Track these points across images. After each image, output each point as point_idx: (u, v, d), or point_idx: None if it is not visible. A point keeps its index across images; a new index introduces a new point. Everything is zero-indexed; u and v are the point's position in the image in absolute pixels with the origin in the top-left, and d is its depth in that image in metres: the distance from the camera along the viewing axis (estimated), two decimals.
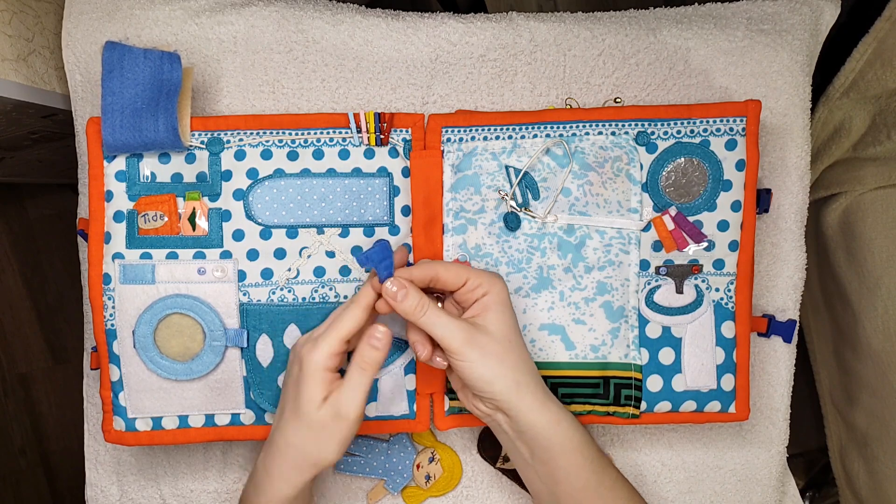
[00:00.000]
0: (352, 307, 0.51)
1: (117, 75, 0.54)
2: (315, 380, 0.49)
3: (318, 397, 0.49)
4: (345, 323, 0.50)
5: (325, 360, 0.49)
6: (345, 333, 0.50)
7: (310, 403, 0.49)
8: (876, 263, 0.78)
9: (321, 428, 0.49)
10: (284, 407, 0.51)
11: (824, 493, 1.12)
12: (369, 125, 0.57)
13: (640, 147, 0.58)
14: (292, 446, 0.50)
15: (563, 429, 0.52)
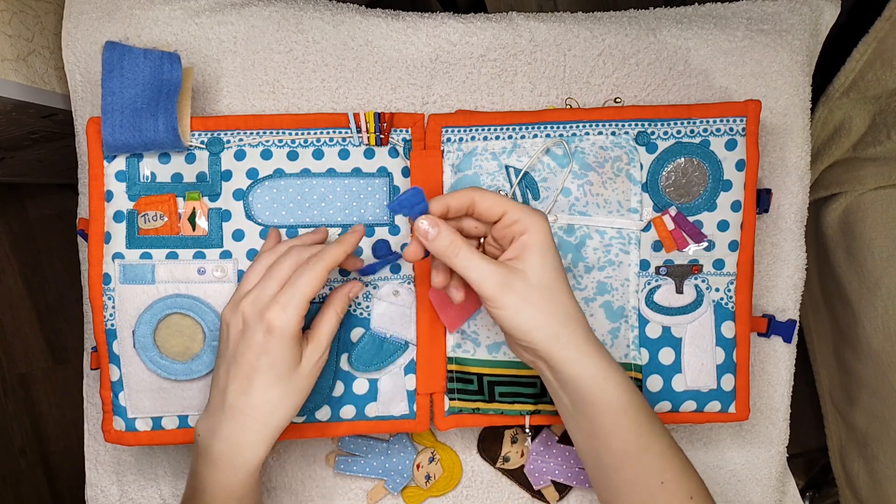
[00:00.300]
0: (317, 268, 0.49)
1: (117, 75, 0.54)
2: (292, 344, 0.49)
3: (297, 359, 0.50)
4: (312, 285, 0.49)
5: (298, 324, 0.49)
6: (312, 296, 0.49)
7: (289, 366, 0.49)
8: (876, 263, 0.78)
9: (299, 382, 0.50)
10: (252, 378, 0.49)
11: (824, 493, 1.13)
12: (369, 125, 0.57)
13: (640, 147, 0.58)
14: (268, 408, 0.50)
15: (609, 386, 0.48)
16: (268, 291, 0.49)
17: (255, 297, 0.50)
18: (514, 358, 0.59)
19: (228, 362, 0.50)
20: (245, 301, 0.50)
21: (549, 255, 0.48)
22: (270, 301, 0.49)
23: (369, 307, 0.58)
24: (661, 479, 0.49)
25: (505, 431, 0.65)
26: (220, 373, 0.51)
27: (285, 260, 0.50)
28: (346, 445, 0.64)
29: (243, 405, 0.50)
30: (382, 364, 0.58)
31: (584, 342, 0.48)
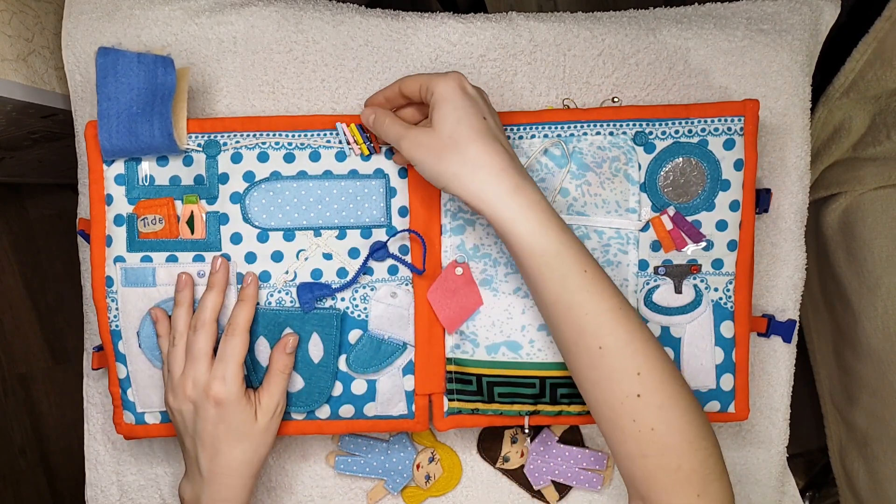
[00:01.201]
0: (237, 336, 0.55)
1: (112, 80, 0.54)
2: (242, 406, 0.54)
3: (252, 417, 0.55)
4: (238, 351, 0.54)
5: (241, 388, 0.54)
6: (242, 360, 0.55)
7: (246, 425, 0.54)
8: (876, 263, 0.78)
9: (259, 435, 0.55)
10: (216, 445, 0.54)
11: (824, 493, 1.13)
12: (355, 137, 0.57)
13: (639, 147, 0.58)
14: (243, 464, 0.55)
15: (520, 230, 0.48)
16: (201, 371, 0.54)
17: (193, 381, 0.54)
18: (513, 358, 0.59)
19: (192, 437, 0.55)
20: (186, 387, 0.54)
21: (454, 109, 0.49)
22: (208, 378, 0.54)
23: (367, 309, 0.58)
24: (598, 344, 0.48)
25: (505, 431, 0.65)
26: (188, 446, 0.56)
27: (197, 338, 0.55)
28: (346, 445, 0.64)
29: (217, 469, 0.54)
30: (380, 365, 0.58)
31: (500, 187, 0.48)
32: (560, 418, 0.60)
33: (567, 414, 0.59)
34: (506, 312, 0.58)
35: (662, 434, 0.47)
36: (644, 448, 0.48)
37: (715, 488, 0.48)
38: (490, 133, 0.49)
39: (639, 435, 0.48)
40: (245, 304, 0.56)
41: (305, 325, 0.57)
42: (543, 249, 0.48)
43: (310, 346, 0.57)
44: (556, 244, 0.48)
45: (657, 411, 0.47)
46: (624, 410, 0.48)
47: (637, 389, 0.47)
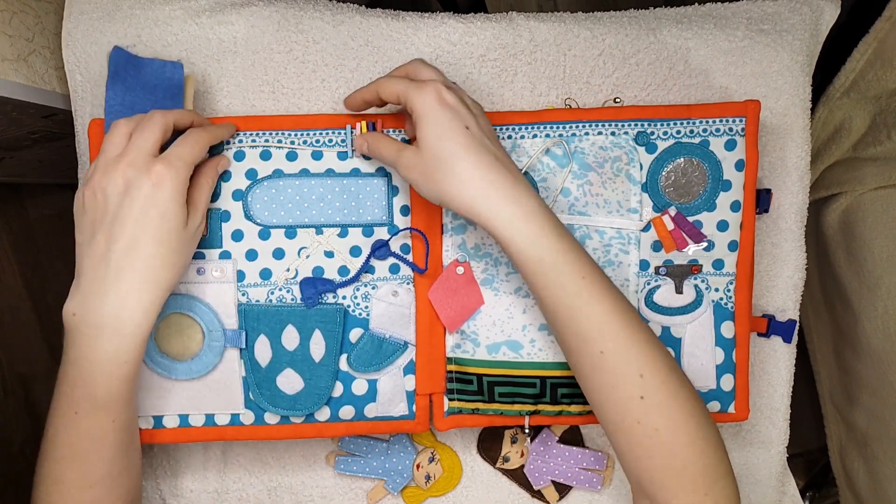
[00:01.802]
0: (199, 134, 0.51)
1: (121, 79, 0.55)
2: (181, 200, 0.49)
3: (184, 218, 0.49)
4: (196, 149, 0.50)
5: (186, 182, 0.49)
6: (196, 160, 0.50)
7: (178, 222, 0.49)
8: (876, 263, 0.78)
9: (186, 244, 0.50)
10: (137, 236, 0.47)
11: (824, 493, 1.12)
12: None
13: (640, 147, 0.58)
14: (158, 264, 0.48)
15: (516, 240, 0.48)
16: (145, 150, 0.48)
17: (134, 157, 0.48)
18: (513, 358, 0.59)
19: (108, 226, 0.47)
20: (122, 162, 0.47)
21: (434, 124, 0.48)
22: (152, 158, 0.48)
23: (368, 308, 0.58)
24: (599, 349, 0.48)
25: (505, 431, 0.65)
26: (97, 239, 0.48)
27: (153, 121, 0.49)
28: (346, 445, 0.64)
29: (129, 263, 0.47)
30: (381, 365, 0.58)
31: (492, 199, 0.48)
32: (561, 418, 0.60)
33: (568, 414, 0.59)
34: (507, 312, 0.58)
35: (668, 435, 0.47)
36: (650, 450, 0.48)
37: (721, 486, 0.48)
38: (475, 144, 0.49)
39: (644, 437, 0.48)
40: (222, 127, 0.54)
41: (308, 321, 0.57)
42: (540, 258, 0.48)
43: (311, 344, 0.57)
44: (552, 253, 0.48)
45: (661, 412, 0.47)
46: (628, 413, 0.48)
47: (640, 391, 0.47)
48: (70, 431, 0.49)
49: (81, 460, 0.50)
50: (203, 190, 0.53)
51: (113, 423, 0.50)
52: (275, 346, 0.57)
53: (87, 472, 0.50)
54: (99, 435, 0.49)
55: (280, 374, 0.57)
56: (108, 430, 0.50)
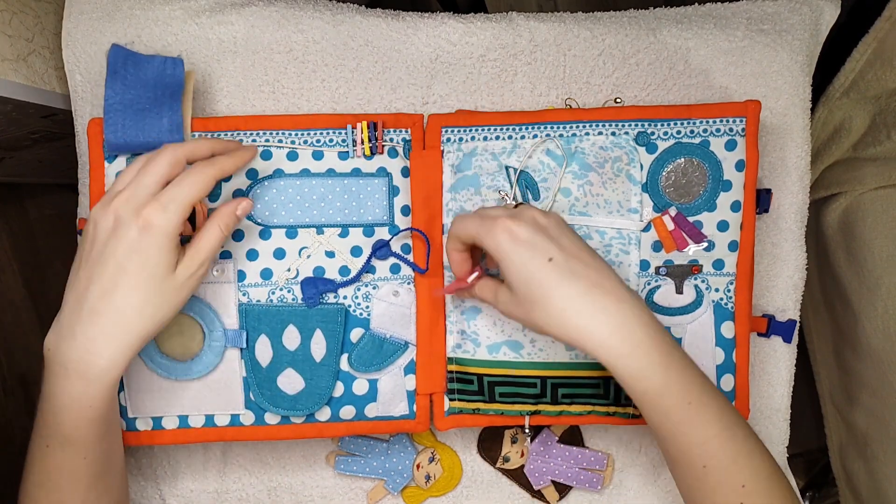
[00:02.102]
0: (204, 172, 0.47)
1: (121, 76, 0.55)
2: (168, 247, 0.46)
3: (172, 263, 0.47)
4: (197, 189, 0.47)
5: (177, 227, 0.46)
6: (195, 200, 0.47)
7: (162, 270, 0.46)
8: (876, 263, 0.78)
9: (170, 292, 0.47)
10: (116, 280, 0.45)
11: (824, 493, 1.12)
12: (364, 137, 0.57)
13: (640, 147, 0.58)
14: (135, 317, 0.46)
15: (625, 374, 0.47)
16: (144, 190, 0.46)
17: (130, 195, 0.46)
18: (514, 358, 0.59)
19: (92, 264, 0.46)
20: (118, 199, 0.46)
21: (514, 265, 0.47)
22: (149, 199, 0.46)
23: (369, 307, 0.58)
24: (702, 464, 0.48)
25: (505, 431, 0.65)
26: (80, 276, 0.47)
27: (160, 157, 0.47)
28: (346, 445, 0.64)
29: (103, 307, 0.46)
30: (382, 364, 0.58)
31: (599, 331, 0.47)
32: (561, 418, 0.60)
33: (568, 414, 0.59)
34: None
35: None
36: None
37: None
38: (563, 275, 0.47)
39: None
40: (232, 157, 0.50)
41: (309, 321, 0.57)
42: (645, 390, 0.47)
43: (312, 343, 0.57)
44: (658, 384, 0.47)
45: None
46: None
47: (741, 499, 0.48)
48: (44, 462, 0.49)
49: (57, 490, 0.49)
50: (211, 236, 0.49)
51: (84, 459, 0.48)
52: (275, 346, 0.57)
53: (65, 501, 0.49)
54: (71, 469, 0.49)
55: (281, 374, 0.57)
56: (80, 465, 0.49)
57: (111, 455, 0.52)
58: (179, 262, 0.48)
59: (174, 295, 0.48)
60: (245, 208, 0.51)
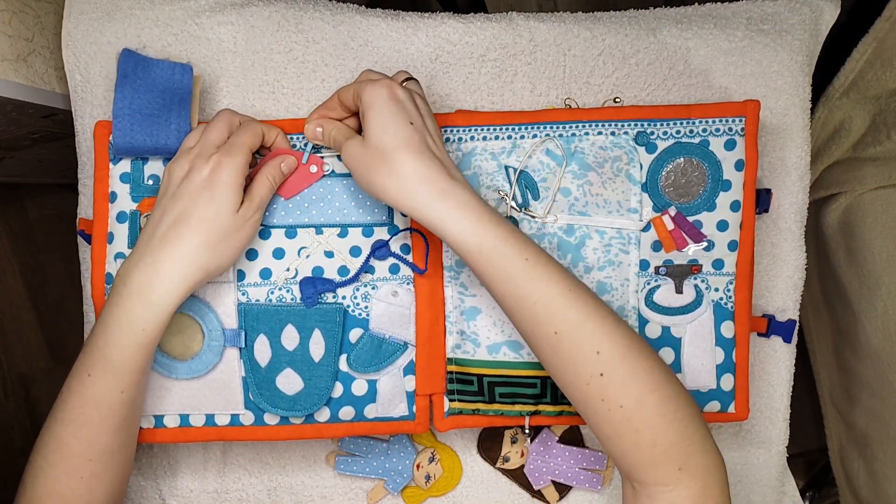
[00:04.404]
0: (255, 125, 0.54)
1: (130, 81, 0.55)
2: (235, 185, 0.51)
3: (237, 203, 0.51)
4: (253, 137, 0.53)
5: (242, 167, 0.51)
6: (253, 147, 0.53)
7: (228, 206, 0.51)
8: (876, 263, 0.78)
9: (233, 231, 0.51)
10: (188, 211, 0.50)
11: (824, 493, 1.13)
12: None
13: (640, 147, 0.58)
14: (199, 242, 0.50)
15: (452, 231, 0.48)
16: (211, 142, 0.52)
17: (201, 147, 0.52)
18: (514, 358, 0.59)
19: (166, 202, 0.51)
20: (191, 152, 0.52)
21: (379, 116, 0.49)
22: (215, 149, 0.52)
23: (368, 308, 0.58)
24: (552, 330, 0.48)
25: (505, 431, 0.65)
26: (156, 212, 0.51)
27: (220, 119, 0.54)
28: (346, 445, 0.64)
29: (173, 236, 0.50)
30: (381, 365, 0.58)
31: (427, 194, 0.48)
32: (561, 418, 0.60)
33: (568, 414, 0.59)
34: None
35: (632, 410, 0.47)
36: (617, 427, 0.47)
37: (697, 459, 0.47)
38: (416, 140, 0.49)
39: (609, 414, 0.47)
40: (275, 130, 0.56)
41: (307, 321, 0.57)
42: (479, 246, 0.48)
43: (311, 343, 0.57)
44: (491, 239, 0.48)
45: (622, 388, 0.47)
46: (591, 392, 0.48)
47: (599, 368, 0.47)
48: (81, 394, 0.50)
49: (87, 427, 0.50)
50: (262, 184, 0.54)
51: (122, 393, 0.50)
52: (274, 345, 0.57)
53: (92, 441, 0.51)
54: (107, 403, 0.50)
55: (280, 374, 0.57)
56: (116, 401, 0.50)
57: (137, 406, 0.54)
58: (243, 201, 0.52)
59: (236, 232, 0.52)
60: (290, 164, 0.56)
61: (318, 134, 0.55)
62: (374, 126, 0.49)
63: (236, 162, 0.51)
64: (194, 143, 0.53)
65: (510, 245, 0.48)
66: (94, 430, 0.50)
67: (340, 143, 0.52)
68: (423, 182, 0.48)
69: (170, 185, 0.52)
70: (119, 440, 0.52)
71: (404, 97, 0.50)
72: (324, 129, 0.55)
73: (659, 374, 0.48)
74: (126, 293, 0.49)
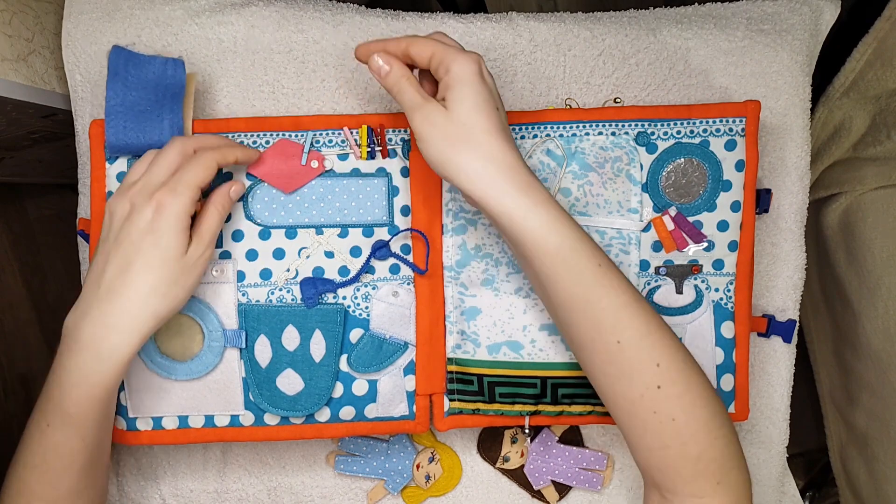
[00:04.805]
0: (207, 157, 0.50)
1: (122, 78, 0.55)
2: (180, 227, 0.48)
3: (183, 245, 0.49)
4: (202, 173, 0.49)
5: (188, 208, 0.49)
6: (202, 183, 0.50)
7: (174, 251, 0.48)
8: (876, 263, 0.78)
9: (182, 273, 0.49)
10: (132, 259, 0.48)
11: (824, 493, 1.13)
12: (361, 140, 0.57)
13: (640, 147, 0.58)
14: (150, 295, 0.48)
15: (537, 228, 0.47)
16: (156, 178, 0.49)
17: (144, 184, 0.49)
18: (514, 358, 0.59)
19: (109, 246, 0.49)
20: (133, 189, 0.49)
21: (472, 94, 0.47)
22: (161, 185, 0.49)
23: (368, 308, 0.58)
24: (616, 339, 0.47)
25: (505, 431, 0.65)
26: (98, 259, 0.49)
27: (171, 148, 0.50)
28: (345, 445, 0.64)
29: (120, 286, 0.48)
30: (382, 365, 0.58)
31: (510, 183, 0.47)
32: (561, 418, 0.60)
33: (568, 414, 0.59)
34: (507, 312, 0.58)
35: (683, 424, 0.47)
36: (665, 439, 0.47)
37: (734, 476, 0.48)
38: (503, 126, 0.48)
39: (659, 426, 0.47)
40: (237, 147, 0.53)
41: (308, 321, 0.57)
42: (558, 245, 0.47)
43: (311, 344, 0.57)
44: (570, 240, 0.47)
45: (677, 401, 0.47)
46: (644, 403, 0.47)
47: (657, 381, 0.47)
48: (41, 442, 0.49)
49: (49, 472, 0.50)
50: (211, 218, 0.51)
51: (82, 440, 0.49)
52: (275, 346, 0.57)
53: (54, 484, 0.50)
54: (67, 450, 0.49)
55: (280, 375, 0.57)
56: (77, 448, 0.49)
57: (103, 447, 0.53)
58: (191, 242, 0.50)
59: (186, 275, 0.50)
60: (237, 190, 0.54)
61: (382, 71, 0.50)
62: (465, 102, 0.47)
63: (180, 202, 0.48)
64: (138, 176, 0.50)
65: (586, 247, 0.48)
66: (56, 474, 0.50)
67: (414, 103, 0.48)
68: (507, 170, 0.47)
69: (111, 227, 0.49)
70: (84, 481, 0.51)
71: (491, 81, 0.49)
72: (392, 70, 0.49)
73: (709, 391, 0.48)
74: (77, 348, 0.48)
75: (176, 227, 0.48)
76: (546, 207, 0.47)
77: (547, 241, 0.47)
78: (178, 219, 0.48)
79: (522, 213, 0.47)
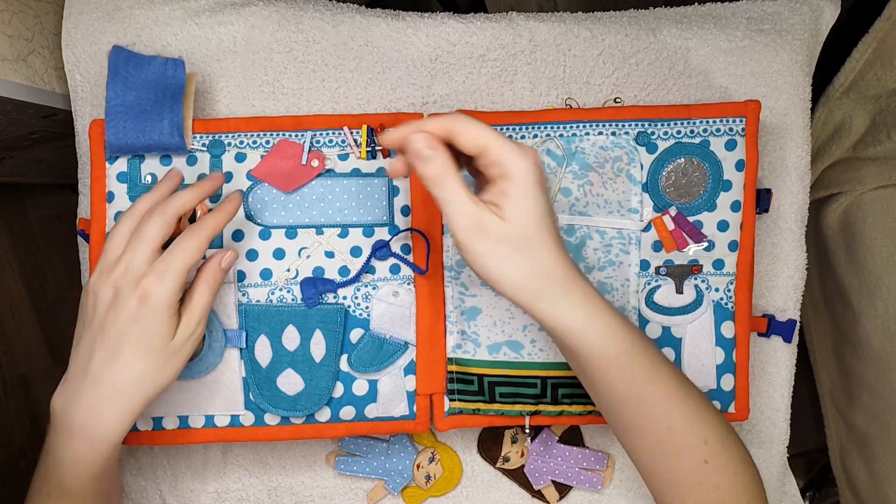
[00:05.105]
0: (197, 237, 0.48)
1: (122, 78, 0.55)
2: (167, 315, 0.47)
3: (172, 329, 0.48)
4: (191, 255, 0.48)
5: (175, 295, 0.47)
6: (191, 266, 0.48)
7: (161, 338, 0.47)
8: (876, 263, 0.78)
9: (171, 357, 0.48)
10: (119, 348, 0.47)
11: (824, 493, 1.13)
12: (362, 140, 0.57)
13: (641, 147, 0.58)
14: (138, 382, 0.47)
15: (591, 336, 0.46)
16: (140, 259, 0.47)
17: (127, 265, 0.47)
18: (514, 358, 0.59)
19: (94, 332, 0.47)
20: (116, 271, 0.47)
21: (531, 203, 0.43)
22: (146, 269, 0.47)
23: (368, 308, 0.58)
24: (667, 426, 0.47)
25: (505, 431, 0.65)
26: (84, 342, 0.48)
27: (149, 222, 0.48)
28: (346, 445, 0.64)
29: (107, 375, 0.47)
30: (382, 365, 0.58)
31: (568, 297, 0.45)
32: (561, 418, 0.60)
33: (568, 414, 0.59)
34: (507, 312, 0.58)
35: (726, 490, 0.48)
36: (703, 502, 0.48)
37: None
38: (558, 235, 0.46)
39: (704, 496, 0.48)
40: (219, 214, 0.50)
41: (308, 321, 0.57)
42: (615, 354, 0.46)
43: (312, 344, 0.57)
44: (626, 343, 0.46)
45: (723, 472, 0.48)
46: (691, 476, 0.48)
47: (704, 456, 0.47)
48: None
49: None
50: (201, 296, 0.50)
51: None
52: (275, 346, 0.57)
53: None
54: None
55: (280, 375, 0.57)
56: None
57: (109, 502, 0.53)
58: (178, 326, 0.49)
59: (174, 359, 0.49)
60: (229, 259, 0.52)
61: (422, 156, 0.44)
62: (523, 208, 0.43)
63: (167, 291, 0.47)
64: (120, 251, 0.48)
65: (639, 350, 0.47)
66: None
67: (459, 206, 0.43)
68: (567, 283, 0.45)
69: (96, 312, 0.48)
70: None
71: (545, 182, 0.45)
72: (435, 159, 0.44)
73: (746, 455, 0.49)
74: (68, 435, 0.47)
75: (163, 316, 0.47)
76: (601, 315, 0.46)
77: (603, 350, 0.46)
78: (164, 308, 0.47)
79: (581, 326, 0.46)
